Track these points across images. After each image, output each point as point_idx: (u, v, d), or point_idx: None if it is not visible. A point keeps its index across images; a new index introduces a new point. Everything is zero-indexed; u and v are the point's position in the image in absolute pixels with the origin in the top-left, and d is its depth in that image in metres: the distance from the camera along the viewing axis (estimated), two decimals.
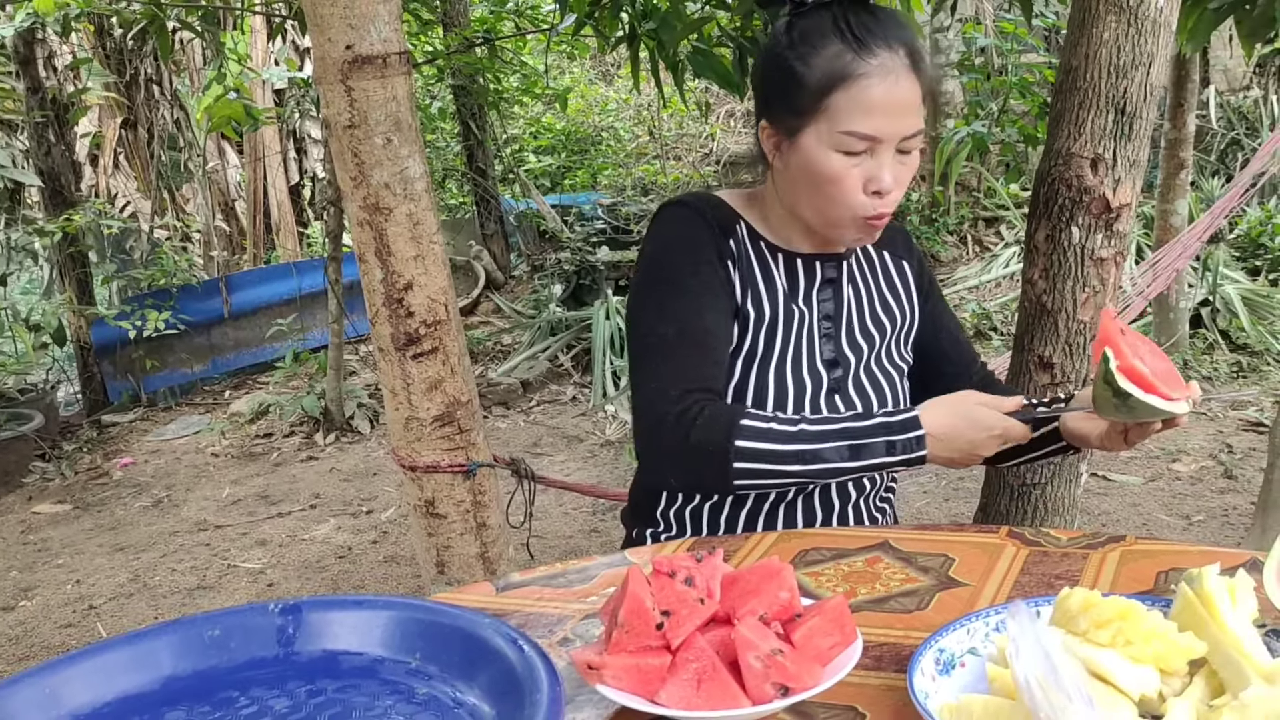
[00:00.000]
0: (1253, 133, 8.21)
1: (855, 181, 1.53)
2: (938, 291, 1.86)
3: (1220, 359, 5.76)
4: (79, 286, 6.83)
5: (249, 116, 6.02)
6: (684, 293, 1.61)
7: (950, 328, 1.84)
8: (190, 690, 1.13)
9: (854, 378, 1.70)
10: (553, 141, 10.97)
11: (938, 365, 1.81)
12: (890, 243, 1.79)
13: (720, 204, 1.70)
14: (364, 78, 2.32)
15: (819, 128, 1.53)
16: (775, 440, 1.49)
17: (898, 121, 1.51)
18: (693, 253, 1.63)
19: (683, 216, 1.66)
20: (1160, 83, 2.18)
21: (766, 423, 1.51)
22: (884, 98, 1.50)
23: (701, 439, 1.50)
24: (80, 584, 4.43)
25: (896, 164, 1.54)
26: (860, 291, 1.74)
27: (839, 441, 1.49)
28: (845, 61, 1.50)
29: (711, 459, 1.50)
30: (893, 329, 1.76)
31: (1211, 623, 0.96)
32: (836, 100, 1.51)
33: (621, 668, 1.03)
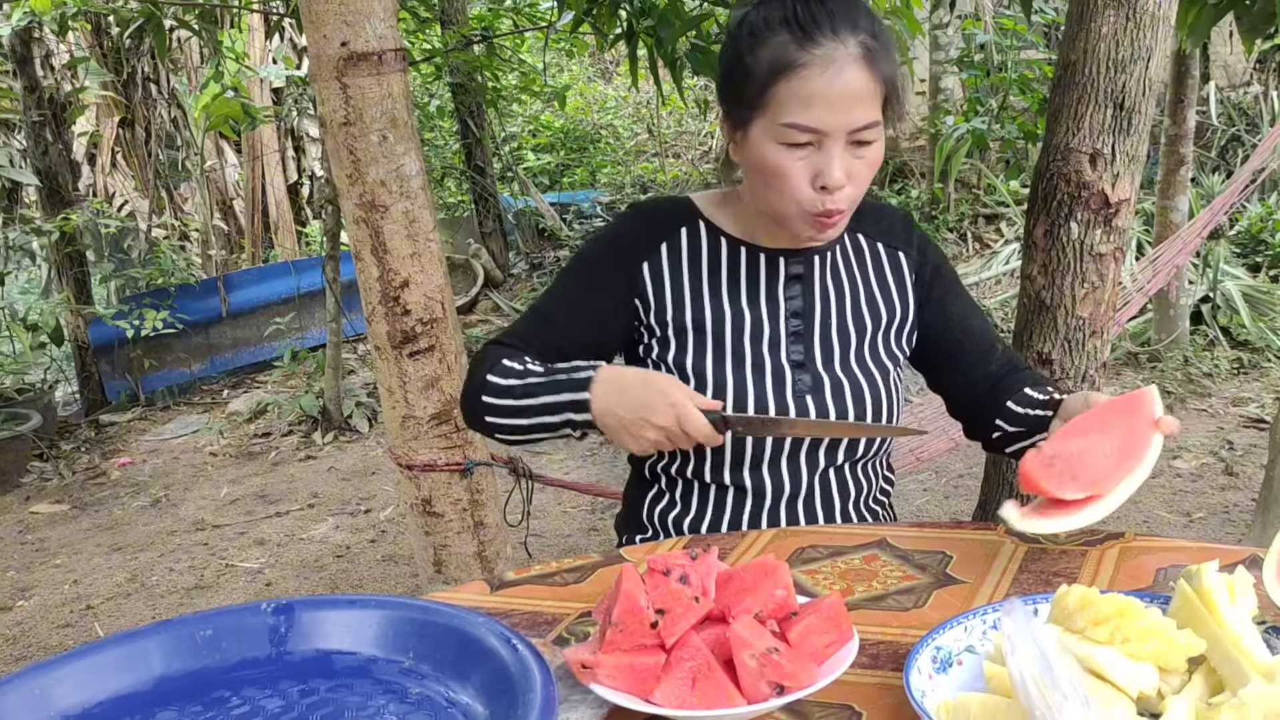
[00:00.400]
0: (1253, 129, 8.20)
1: (801, 176, 1.50)
2: (948, 279, 1.77)
3: (1221, 355, 5.75)
4: (76, 286, 6.82)
5: (247, 115, 6.02)
6: (567, 285, 1.73)
7: (962, 315, 1.75)
8: (182, 690, 1.12)
9: (831, 379, 1.65)
10: (551, 139, 10.96)
11: (951, 356, 1.74)
12: (887, 232, 1.75)
13: (674, 209, 1.72)
14: (359, 75, 2.31)
15: (764, 120, 1.51)
16: (508, 376, 1.58)
17: (843, 114, 1.46)
18: (601, 252, 1.72)
19: (620, 220, 1.76)
20: (1159, 78, 2.17)
21: (518, 363, 1.60)
22: (825, 88, 1.45)
23: (470, 376, 1.64)
24: (78, 584, 4.42)
25: (849, 158, 1.50)
26: (843, 286, 1.70)
27: (541, 378, 1.56)
28: (788, 52, 1.47)
29: (470, 395, 1.62)
30: (879, 324, 1.70)
31: (1210, 620, 0.95)
32: (779, 91, 1.48)
33: (616, 667, 1.03)
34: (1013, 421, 1.63)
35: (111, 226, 7.16)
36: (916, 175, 8.83)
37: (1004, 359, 1.74)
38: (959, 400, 1.77)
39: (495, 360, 1.61)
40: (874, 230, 1.75)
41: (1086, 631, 0.96)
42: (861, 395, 1.65)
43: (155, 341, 6.89)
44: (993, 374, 1.70)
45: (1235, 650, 0.92)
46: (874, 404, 1.66)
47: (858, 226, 1.73)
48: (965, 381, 1.73)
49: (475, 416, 1.63)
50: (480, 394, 1.60)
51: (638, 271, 1.67)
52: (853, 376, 1.66)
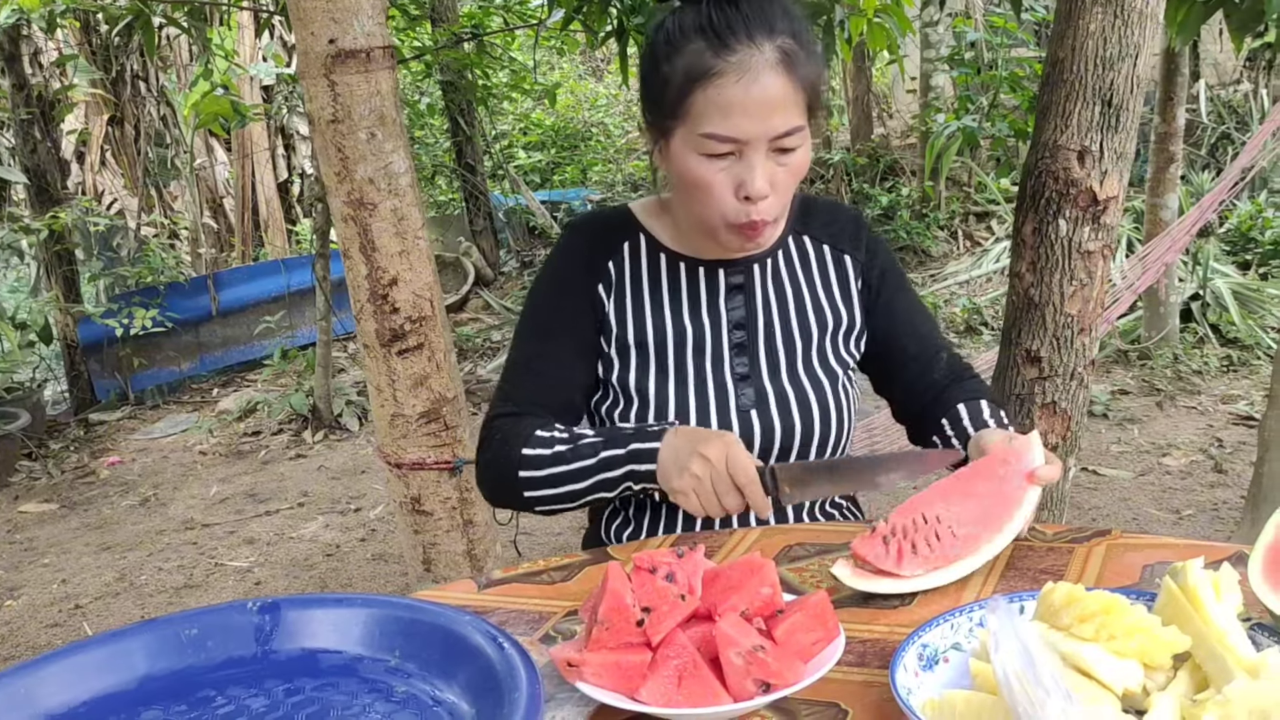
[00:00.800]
0: (1243, 127, 8.22)
1: (724, 186, 1.46)
2: (896, 282, 1.72)
3: (1210, 353, 5.77)
4: (65, 284, 6.80)
5: (236, 113, 6.00)
6: (538, 322, 1.66)
7: (909, 319, 1.71)
8: (167, 690, 1.12)
9: (776, 390, 1.61)
10: (542, 137, 10.96)
11: (896, 361, 1.71)
12: (836, 235, 1.70)
13: (613, 222, 1.68)
14: (347, 72, 2.30)
15: (683, 130, 1.46)
16: (550, 445, 1.51)
17: (761, 122, 1.41)
18: (556, 284, 1.67)
19: (563, 243, 1.70)
20: (1147, 76, 2.17)
21: (550, 431, 1.53)
22: (741, 96, 1.40)
23: (495, 455, 1.57)
24: (66, 583, 4.41)
25: (772, 166, 1.45)
26: (785, 292, 1.66)
27: (596, 437, 1.50)
28: (703, 59, 1.42)
29: (502, 472, 1.56)
30: (824, 330, 1.66)
31: (1196, 616, 0.95)
32: (696, 101, 1.43)
33: (602, 665, 1.02)
34: (948, 443, 1.60)
35: (100, 225, 7.14)
36: (907, 173, 8.84)
37: (948, 367, 1.70)
38: (903, 406, 1.74)
39: (522, 434, 1.54)
40: (821, 232, 1.70)
41: (1072, 628, 0.96)
42: (808, 405, 1.62)
43: (144, 340, 6.88)
44: (937, 383, 1.68)
45: (1220, 647, 0.92)
46: (822, 414, 1.62)
47: (804, 228, 1.70)
48: (910, 389, 1.70)
49: (509, 492, 1.56)
50: (516, 470, 1.53)
51: (594, 292, 1.64)
52: (799, 386, 1.62)
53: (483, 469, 1.61)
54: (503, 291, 8.53)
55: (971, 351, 6.12)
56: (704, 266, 1.63)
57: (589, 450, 1.48)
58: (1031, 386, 2.31)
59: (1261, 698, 0.87)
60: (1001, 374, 2.39)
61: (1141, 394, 5.40)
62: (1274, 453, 3.35)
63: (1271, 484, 3.36)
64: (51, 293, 6.77)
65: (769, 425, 1.60)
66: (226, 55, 7.22)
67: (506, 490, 1.57)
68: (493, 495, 1.63)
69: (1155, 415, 5.13)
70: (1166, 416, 5.11)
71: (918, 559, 1.25)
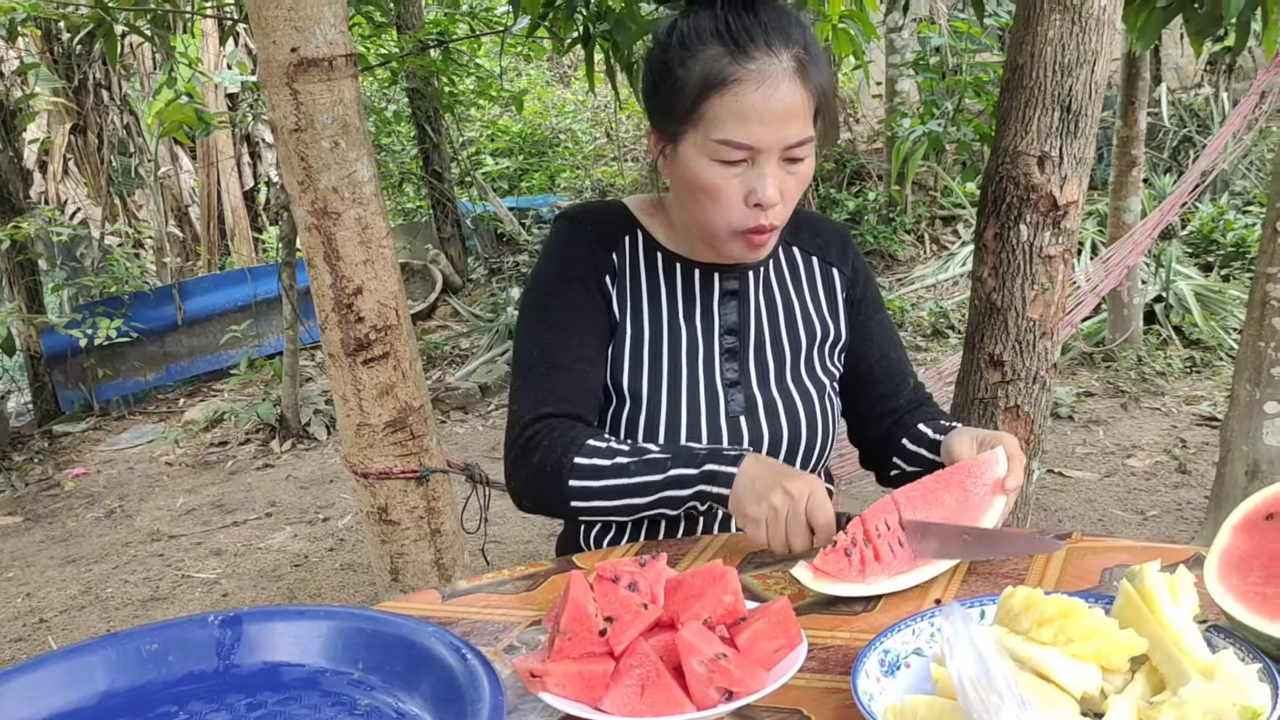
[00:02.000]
0: (1204, 130, 8.31)
1: (735, 193, 1.46)
2: (874, 303, 1.74)
3: (1174, 354, 5.83)
4: (28, 295, 6.74)
5: (201, 121, 5.96)
6: (551, 314, 1.60)
7: (881, 342, 1.73)
8: (127, 706, 1.11)
9: (765, 398, 1.61)
10: (510, 144, 10.94)
11: (863, 381, 1.72)
12: (824, 247, 1.71)
13: (613, 214, 1.66)
14: (310, 80, 2.29)
15: (696, 136, 1.45)
16: (610, 456, 1.48)
17: (777, 130, 1.42)
18: (565, 272, 1.61)
19: (564, 233, 1.65)
20: (1106, 81, 2.19)
21: (606, 442, 1.50)
22: (760, 105, 1.41)
23: (542, 460, 1.51)
24: (31, 597, 4.36)
25: (783, 174, 1.46)
26: (776, 301, 1.66)
27: (665, 454, 1.46)
28: (721, 65, 1.41)
29: (549, 478, 1.50)
30: (812, 340, 1.67)
31: (1152, 619, 0.96)
32: (712, 107, 1.42)
33: (564, 675, 1.02)
34: (908, 460, 1.61)
35: (64, 234, 7.07)
36: (874, 177, 8.88)
37: (913, 394, 1.72)
38: (862, 429, 1.75)
39: (576, 440, 1.50)
40: (810, 244, 1.71)
41: (1031, 632, 0.97)
42: (796, 414, 1.63)
43: (109, 350, 6.82)
44: (899, 408, 1.70)
45: (1176, 649, 0.93)
46: (809, 423, 1.63)
47: (794, 239, 1.70)
48: (872, 411, 1.71)
49: (553, 499, 1.52)
50: (567, 479, 1.48)
51: (603, 281, 1.61)
52: (787, 395, 1.63)
53: (525, 474, 1.54)
54: (471, 299, 8.50)
55: (938, 355, 6.16)
56: (699, 269, 1.63)
57: (657, 466, 1.45)
58: (994, 390, 2.33)
59: (1216, 699, 0.88)
60: (965, 378, 2.40)
61: (1106, 396, 5.44)
62: (1236, 453, 3.39)
63: (1233, 484, 3.40)
64: (14, 303, 6.70)
65: (757, 432, 1.60)
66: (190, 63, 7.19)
67: (550, 497, 1.52)
68: (533, 501, 1.57)
69: (1120, 417, 5.17)
70: (1131, 418, 5.15)
71: (879, 567, 1.26)
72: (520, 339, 1.63)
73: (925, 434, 1.60)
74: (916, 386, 1.74)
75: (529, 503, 1.58)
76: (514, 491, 1.59)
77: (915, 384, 1.74)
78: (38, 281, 6.89)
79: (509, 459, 1.57)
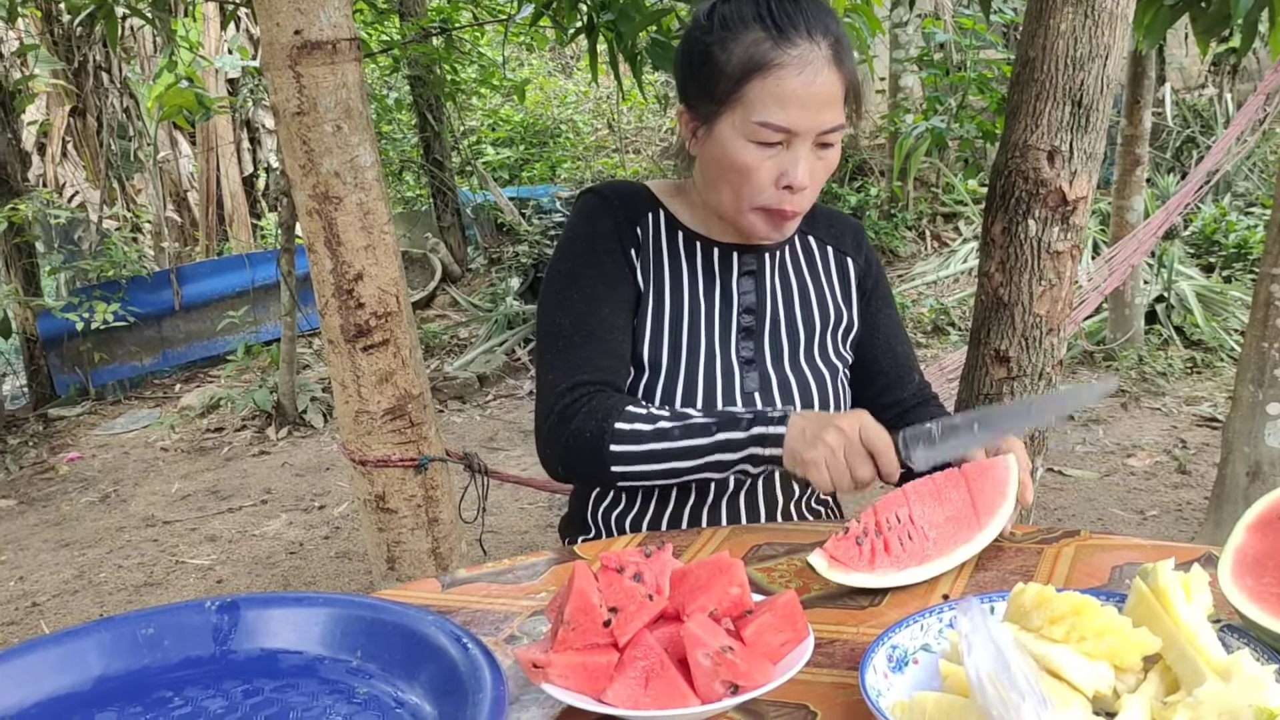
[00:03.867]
0: (1208, 130, 8.29)
1: (768, 174, 1.50)
2: (884, 297, 1.78)
3: (1175, 355, 5.81)
4: (25, 277, 6.71)
5: (201, 105, 5.93)
6: (582, 285, 1.62)
7: (888, 336, 1.76)
8: (122, 691, 1.09)
9: (779, 377, 1.64)
10: (511, 134, 10.90)
11: (868, 373, 1.74)
12: (839, 238, 1.75)
13: (637, 192, 1.69)
14: (313, 64, 2.27)
15: (734, 116, 1.50)
16: (652, 421, 1.50)
17: (815, 115, 1.47)
18: (593, 244, 1.64)
19: (591, 206, 1.67)
20: (1116, 78, 2.18)
21: (646, 408, 1.52)
22: (801, 90, 1.45)
23: (581, 426, 1.52)
24: (24, 580, 4.34)
25: (813, 158, 1.51)
26: (791, 284, 1.69)
27: (710, 419, 1.48)
28: (763, 50, 1.46)
29: (589, 444, 1.51)
30: (826, 324, 1.70)
31: (1166, 618, 0.94)
32: (753, 89, 1.47)
33: (567, 666, 1.01)
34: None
35: (61, 217, 7.05)
36: (876, 173, 8.86)
37: (918, 389, 1.74)
38: None
39: (616, 406, 1.52)
40: (825, 234, 1.75)
41: (1042, 630, 0.95)
42: (809, 394, 1.65)
43: (106, 334, 6.79)
44: (903, 401, 1.72)
45: (1190, 648, 0.92)
46: (821, 404, 1.66)
47: (810, 229, 1.74)
48: (875, 404, 1.72)
49: (591, 464, 1.52)
50: (608, 443, 1.49)
51: (629, 254, 1.64)
52: (801, 375, 1.65)
53: (564, 440, 1.54)
54: (470, 288, 8.48)
55: (938, 352, 6.14)
56: (719, 248, 1.66)
57: (702, 430, 1.47)
58: (1000, 386, 2.31)
59: (1232, 700, 0.86)
60: (970, 374, 2.39)
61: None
62: (1237, 454, 3.38)
63: (1235, 485, 3.39)
64: (10, 286, 6.67)
65: None
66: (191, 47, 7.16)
67: (591, 463, 1.52)
68: (570, 468, 1.58)
69: (1120, 416, 5.16)
70: (1131, 418, 5.14)
71: (889, 559, 1.25)
72: (549, 309, 1.64)
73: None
74: (922, 384, 1.77)
75: (564, 470, 1.60)
76: (549, 459, 1.60)
77: (920, 381, 1.77)
78: (35, 264, 6.87)
79: (544, 427, 1.58)
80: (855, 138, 9.21)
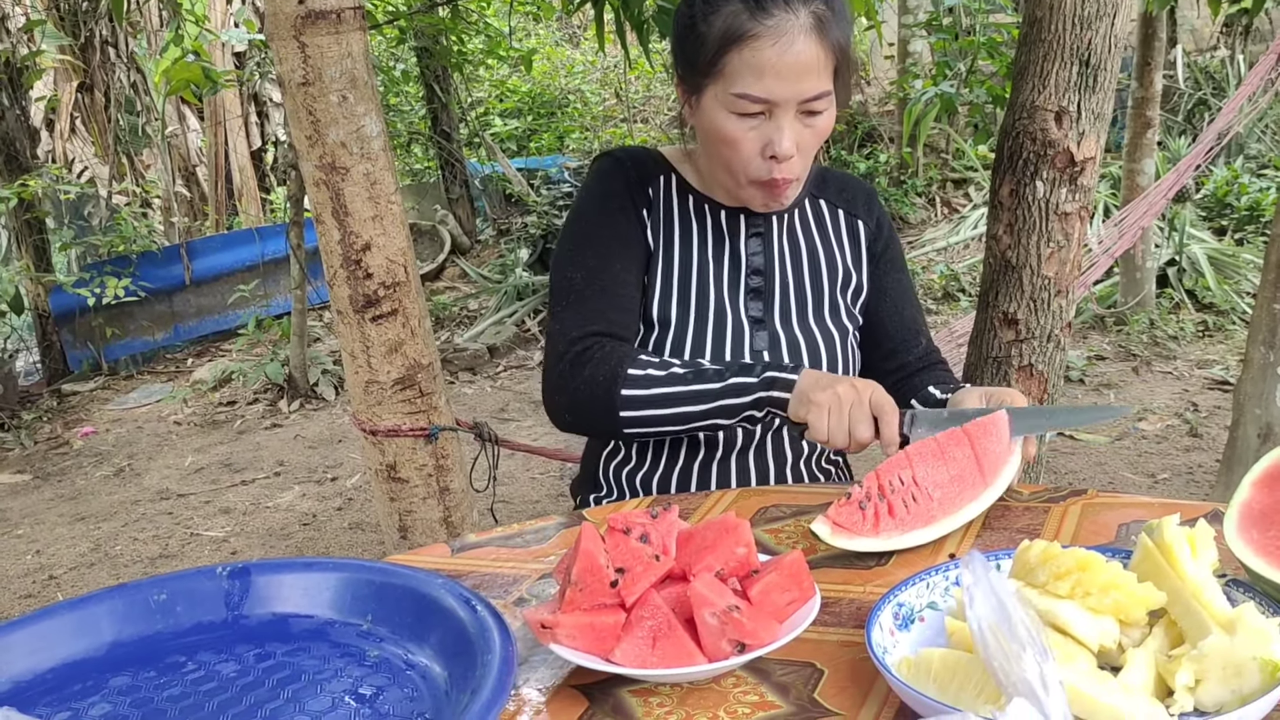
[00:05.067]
0: (1219, 93, 8.22)
1: (753, 145, 1.51)
2: (894, 260, 1.78)
3: (1186, 318, 5.79)
4: (36, 253, 6.72)
5: (208, 79, 5.91)
6: (595, 242, 1.64)
7: (896, 299, 1.76)
8: (135, 656, 1.11)
9: (788, 337, 1.66)
10: (518, 104, 10.86)
11: (874, 335, 1.75)
12: (850, 201, 1.76)
13: (649, 156, 1.71)
14: (318, 33, 2.26)
15: (716, 88, 1.51)
16: (664, 368, 1.52)
17: (793, 85, 1.46)
18: (607, 203, 1.66)
19: (605, 168, 1.70)
20: (1124, 37, 2.16)
21: (659, 357, 1.55)
22: (775, 59, 1.45)
23: (593, 373, 1.54)
24: (40, 554, 4.38)
25: (800, 127, 1.50)
26: (800, 246, 1.71)
27: (723, 366, 1.50)
28: (740, 21, 1.46)
29: (601, 388, 1.53)
30: (835, 285, 1.71)
31: (1171, 573, 0.95)
32: (730, 61, 1.48)
33: (575, 626, 1.01)
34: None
35: (71, 193, 7.05)
36: (885, 140, 8.81)
37: (924, 353, 1.74)
38: None
39: (628, 354, 1.54)
40: (836, 197, 1.76)
41: (1048, 585, 0.96)
42: (818, 354, 1.66)
43: (117, 309, 6.81)
44: (908, 365, 1.72)
45: (1196, 602, 0.92)
46: (829, 365, 1.67)
47: (820, 193, 1.75)
48: (881, 367, 1.73)
49: (600, 411, 1.54)
50: (620, 389, 1.51)
51: (641, 214, 1.67)
52: (810, 336, 1.67)
53: (574, 386, 1.56)
54: (479, 260, 8.48)
55: (948, 318, 6.13)
56: (726, 210, 1.68)
57: (715, 375, 1.49)
58: (1008, 349, 2.31)
59: (1236, 653, 0.87)
60: (978, 337, 2.38)
61: (1117, 359, 5.42)
62: (1248, 417, 3.37)
63: (1245, 447, 3.38)
64: (22, 262, 6.69)
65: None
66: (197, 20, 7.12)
67: (601, 409, 1.54)
68: (578, 415, 1.60)
69: (1131, 380, 5.15)
70: (1142, 381, 5.13)
71: (894, 522, 1.25)
72: (562, 265, 1.67)
73: (933, 395, 1.62)
74: (929, 348, 1.76)
75: (570, 417, 1.61)
76: (557, 407, 1.62)
77: (927, 345, 1.76)
78: (45, 240, 6.88)
79: (553, 373, 1.60)
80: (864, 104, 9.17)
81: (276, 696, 1.02)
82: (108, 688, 1.06)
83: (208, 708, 1.01)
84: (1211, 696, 0.87)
